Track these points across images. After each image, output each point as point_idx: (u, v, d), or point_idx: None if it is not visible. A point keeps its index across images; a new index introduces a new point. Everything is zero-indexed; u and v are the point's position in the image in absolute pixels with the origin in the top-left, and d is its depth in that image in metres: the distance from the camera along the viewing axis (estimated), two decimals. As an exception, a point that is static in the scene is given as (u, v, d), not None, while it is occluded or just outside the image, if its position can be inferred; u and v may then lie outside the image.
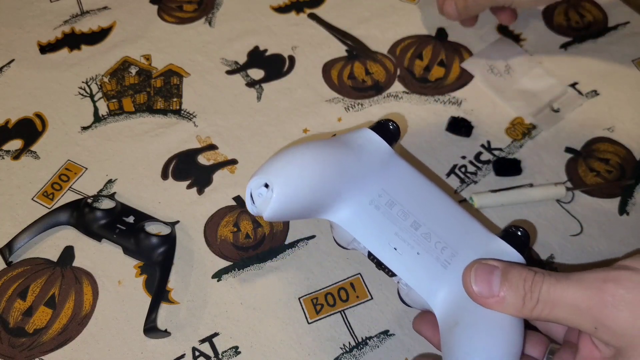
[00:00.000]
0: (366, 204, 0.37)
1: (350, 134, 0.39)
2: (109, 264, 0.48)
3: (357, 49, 0.61)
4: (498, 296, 0.32)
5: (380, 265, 0.37)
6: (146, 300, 0.46)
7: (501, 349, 0.33)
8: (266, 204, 0.35)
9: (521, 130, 0.55)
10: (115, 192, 0.52)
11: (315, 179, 0.36)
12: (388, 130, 0.39)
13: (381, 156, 0.38)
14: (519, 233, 0.37)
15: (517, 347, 0.33)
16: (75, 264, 0.48)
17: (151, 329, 0.44)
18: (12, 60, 0.61)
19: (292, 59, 0.61)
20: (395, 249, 0.36)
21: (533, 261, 0.48)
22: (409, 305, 0.39)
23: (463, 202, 0.51)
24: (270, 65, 0.60)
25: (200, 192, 0.52)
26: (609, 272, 0.31)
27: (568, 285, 0.31)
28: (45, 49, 0.62)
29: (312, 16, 0.63)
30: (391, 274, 0.37)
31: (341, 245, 0.40)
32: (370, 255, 0.37)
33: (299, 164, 0.35)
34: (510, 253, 0.36)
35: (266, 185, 0.35)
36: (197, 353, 0.44)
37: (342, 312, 0.46)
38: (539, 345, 0.37)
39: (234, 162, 0.54)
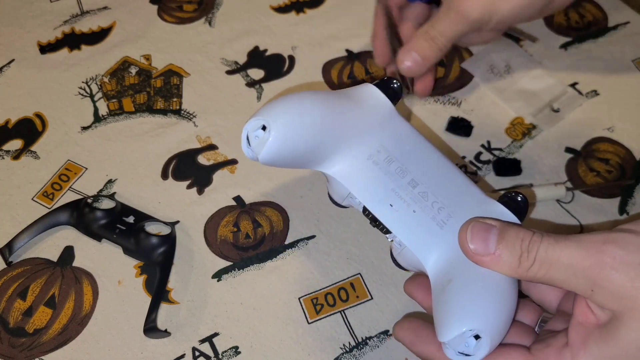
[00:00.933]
0: (364, 158, 0.36)
1: (354, 88, 0.38)
2: (109, 264, 0.48)
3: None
4: (494, 254, 0.32)
5: (375, 221, 0.36)
6: (146, 300, 0.46)
7: (494, 306, 0.32)
8: (262, 146, 0.34)
9: (521, 130, 0.55)
10: (115, 192, 0.52)
11: (314, 126, 0.35)
12: (391, 88, 0.38)
13: (382, 113, 0.37)
14: (519, 198, 0.36)
15: (510, 307, 0.32)
16: (75, 264, 0.48)
17: (151, 329, 0.44)
18: (12, 60, 0.61)
19: (292, 59, 0.61)
20: (391, 205, 0.35)
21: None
22: (401, 267, 0.38)
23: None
24: (270, 65, 0.60)
25: (200, 192, 0.52)
26: (609, 234, 0.30)
27: (566, 246, 0.30)
28: (45, 49, 0.62)
29: None
30: (385, 230, 0.36)
31: (336, 202, 0.39)
32: (365, 211, 0.36)
33: (298, 108, 0.35)
34: (509, 217, 0.35)
35: (263, 128, 0.34)
36: (197, 353, 0.44)
37: (342, 312, 0.46)
38: (532, 313, 0.36)
39: (234, 162, 0.54)
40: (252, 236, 0.49)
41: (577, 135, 0.55)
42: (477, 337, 0.31)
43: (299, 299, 0.47)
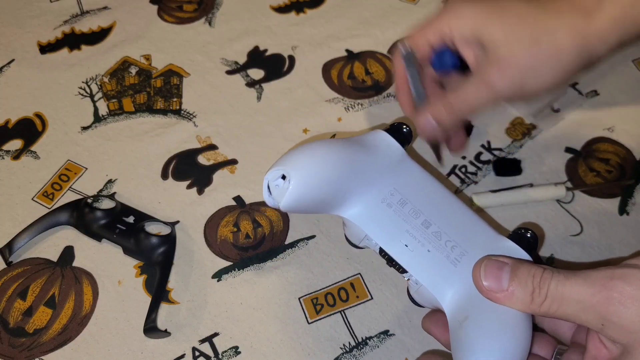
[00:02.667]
0: (378, 201, 0.38)
1: (365, 135, 0.40)
2: (109, 264, 0.48)
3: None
4: (507, 291, 0.33)
5: (391, 261, 0.38)
6: (146, 300, 0.46)
7: (511, 341, 0.33)
8: (282, 195, 0.36)
9: (521, 130, 0.55)
10: (115, 192, 0.52)
11: (331, 174, 0.36)
12: (401, 132, 0.41)
13: (394, 157, 0.39)
14: (528, 235, 0.38)
15: (526, 342, 0.34)
16: (75, 264, 0.48)
17: (151, 329, 0.44)
18: (12, 60, 0.61)
19: (292, 59, 0.61)
20: (406, 245, 0.37)
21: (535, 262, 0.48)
22: (417, 304, 0.39)
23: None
24: (270, 65, 0.60)
25: (200, 192, 0.52)
26: (615, 269, 0.31)
27: (576, 282, 0.32)
28: (45, 49, 0.62)
29: None
30: (402, 270, 0.37)
31: (353, 244, 0.40)
32: (381, 252, 0.38)
33: (315, 158, 0.36)
34: (519, 254, 0.37)
35: (283, 177, 0.36)
36: (197, 353, 0.44)
37: (342, 312, 0.46)
38: (547, 346, 0.37)
39: (234, 162, 0.54)
40: (252, 236, 0.49)
41: (577, 135, 0.55)
42: None
43: (299, 299, 0.47)
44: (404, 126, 0.41)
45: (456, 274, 0.36)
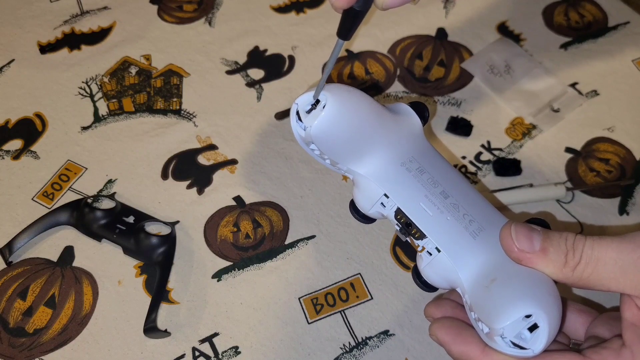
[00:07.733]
0: (398, 164, 0.37)
1: (389, 105, 0.40)
2: (109, 264, 0.48)
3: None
4: (540, 251, 0.31)
5: (407, 227, 0.36)
6: (146, 300, 0.46)
7: (550, 296, 0.31)
8: (313, 119, 0.34)
9: (521, 130, 0.55)
10: (115, 192, 0.52)
11: (362, 114, 0.35)
12: (420, 110, 0.39)
13: (414, 130, 0.38)
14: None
15: (560, 305, 0.32)
16: (75, 264, 0.48)
17: (151, 329, 0.44)
18: (12, 60, 0.61)
19: (292, 59, 0.61)
20: (425, 210, 0.35)
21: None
22: (424, 285, 0.37)
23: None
24: (270, 65, 0.60)
25: (200, 192, 0.52)
26: None
27: (612, 241, 0.30)
28: (45, 49, 0.62)
29: None
30: (418, 235, 0.35)
31: (360, 214, 0.38)
32: (397, 215, 0.36)
33: (352, 92, 0.35)
34: None
35: (314, 106, 0.35)
36: (197, 353, 0.44)
37: (342, 312, 0.46)
38: (560, 339, 0.35)
39: (234, 162, 0.54)
40: (252, 236, 0.49)
41: (577, 135, 0.55)
42: (531, 329, 0.30)
43: (299, 299, 0.47)
44: (423, 106, 0.40)
45: (475, 246, 0.34)
